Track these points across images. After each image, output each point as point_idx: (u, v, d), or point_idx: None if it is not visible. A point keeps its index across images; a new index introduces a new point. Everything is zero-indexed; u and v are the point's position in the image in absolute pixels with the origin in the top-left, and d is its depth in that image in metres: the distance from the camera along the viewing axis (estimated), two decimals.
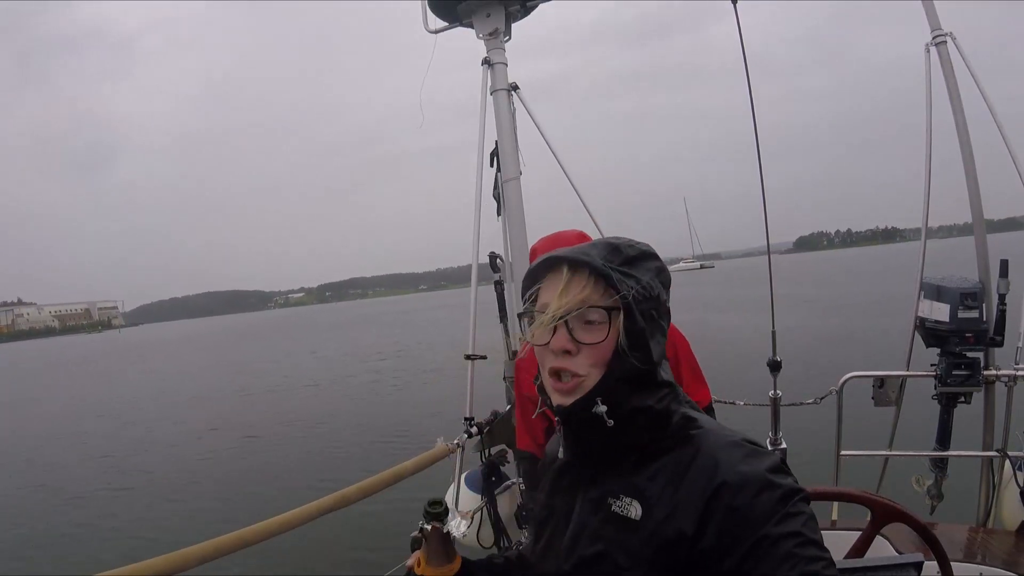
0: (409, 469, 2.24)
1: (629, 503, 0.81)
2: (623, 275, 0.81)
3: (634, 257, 0.84)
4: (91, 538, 7.68)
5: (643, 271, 0.84)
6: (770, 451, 0.78)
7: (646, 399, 0.83)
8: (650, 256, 0.86)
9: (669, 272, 0.88)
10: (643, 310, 0.81)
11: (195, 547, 1.60)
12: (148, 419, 16.25)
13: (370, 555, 5.72)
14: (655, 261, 0.86)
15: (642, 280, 0.83)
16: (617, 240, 0.88)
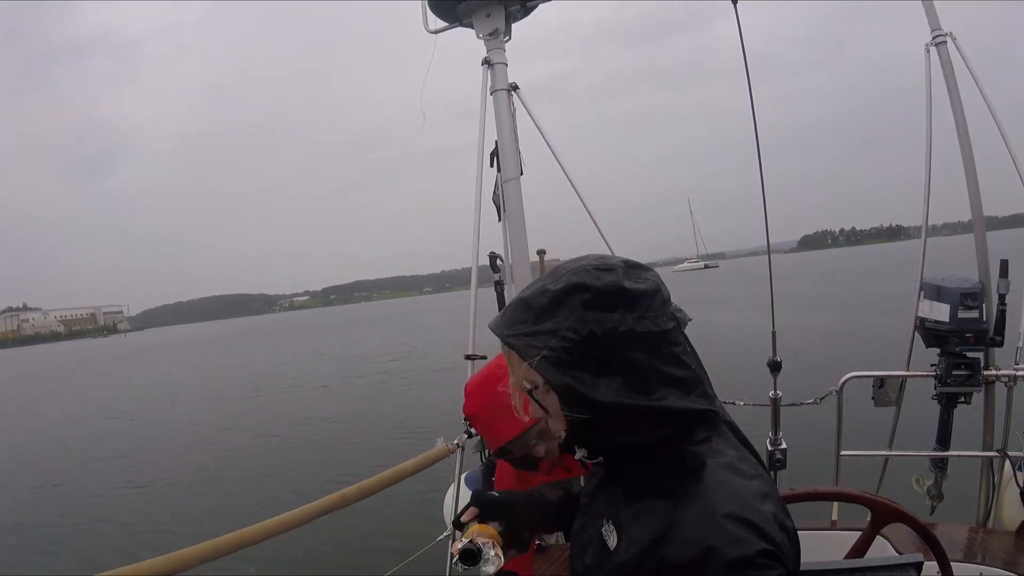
0: (409, 469, 2.24)
1: (611, 530, 0.82)
2: (531, 335, 0.76)
3: (547, 305, 0.76)
4: (106, 536, 7.69)
5: (563, 316, 0.75)
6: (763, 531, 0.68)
7: (628, 436, 0.77)
8: (572, 290, 0.76)
9: (612, 293, 0.75)
10: (570, 360, 0.74)
11: (195, 547, 1.60)
12: (162, 420, 16.31)
13: (370, 555, 5.73)
14: (580, 293, 0.75)
15: (560, 329, 0.74)
16: (531, 290, 0.80)
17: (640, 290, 0.75)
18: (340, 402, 15.51)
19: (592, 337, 0.73)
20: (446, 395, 13.23)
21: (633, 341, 0.73)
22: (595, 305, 0.74)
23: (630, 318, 0.73)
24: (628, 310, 0.73)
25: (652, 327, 0.74)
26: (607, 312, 0.73)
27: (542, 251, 3.12)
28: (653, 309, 0.74)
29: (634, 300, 0.74)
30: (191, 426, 14.98)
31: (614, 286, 0.74)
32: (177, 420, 16.15)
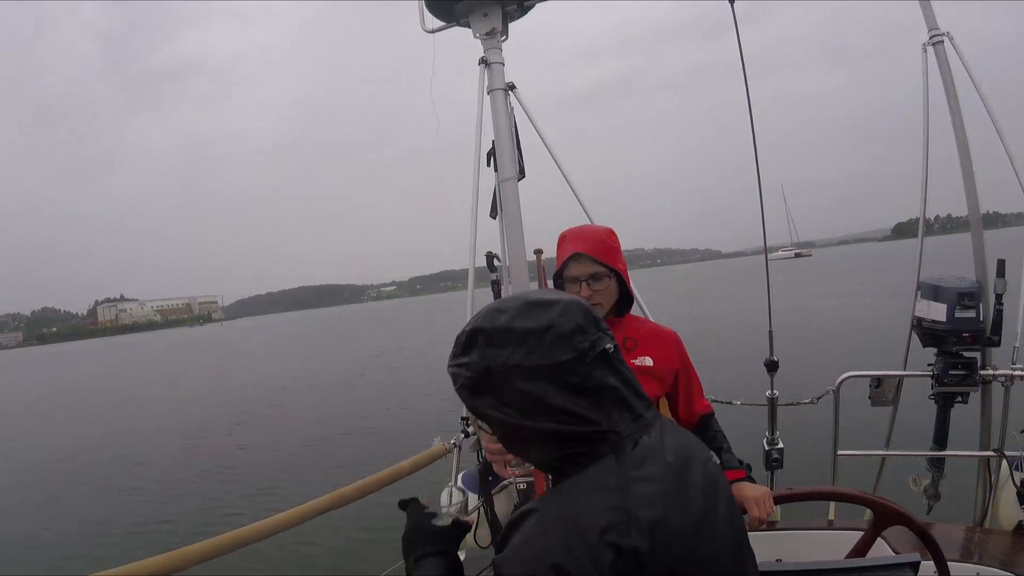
0: (406, 469, 2.24)
1: None
2: (456, 367, 0.89)
3: (464, 343, 0.89)
4: (105, 535, 7.68)
5: (473, 351, 0.87)
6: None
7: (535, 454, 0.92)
8: (476, 331, 0.88)
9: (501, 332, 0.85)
10: (477, 388, 0.87)
11: (194, 546, 1.60)
12: (163, 413, 16.36)
13: (368, 554, 5.72)
14: (480, 333, 0.87)
15: (471, 363, 0.87)
16: (462, 328, 0.92)
17: (528, 328, 0.84)
18: (339, 402, 15.49)
19: (489, 370, 0.85)
20: (444, 395, 13.23)
21: (523, 373, 0.83)
22: (491, 343, 0.85)
23: (519, 353, 0.83)
24: (517, 346, 0.84)
25: (542, 360, 0.82)
26: (499, 348, 0.84)
27: (539, 250, 3.12)
28: (543, 344, 0.83)
29: (522, 337, 0.84)
30: (191, 424, 15.01)
31: (503, 327, 0.85)
32: (178, 416, 16.22)
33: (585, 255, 1.54)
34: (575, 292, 1.56)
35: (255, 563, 5.37)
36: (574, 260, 1.56)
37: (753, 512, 1.44)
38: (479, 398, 0.88)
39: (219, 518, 7.57)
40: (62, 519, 8.57)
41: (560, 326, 0.85)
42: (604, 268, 1.55)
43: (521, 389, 0.83)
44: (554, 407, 0.82)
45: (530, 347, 0.83)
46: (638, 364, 1.59)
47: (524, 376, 0.83)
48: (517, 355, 0.83)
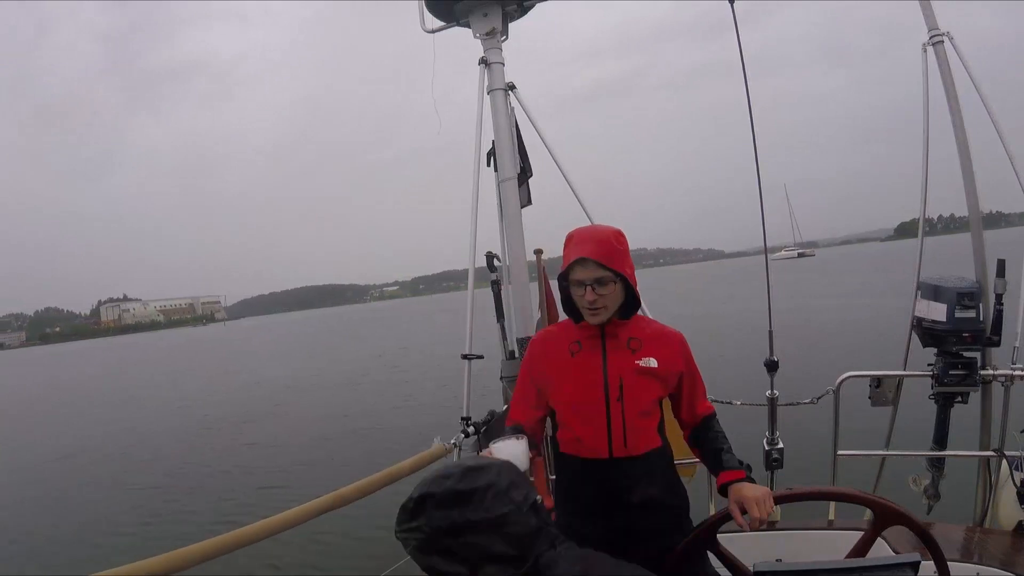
0: (406, 469, 2.24)
1: None
2: (406, 531, 1.00)
3: (412, 509, 1.00)
4: (100, 535, 7.68)
5: (422, 515, 0.98)
6: None
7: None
8: (424, 497, 0.99)
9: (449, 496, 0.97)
10: (430, 548, 0.97)
11: (194, 546, 1.60)
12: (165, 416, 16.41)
13: (367, 554, 5.72)
14: (429, 499, 0.98)
15: (421, 526, 0.98)
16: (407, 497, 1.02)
17: (472, 488, 0.97)
18: (339, 401, 15.50)
19: (440, 530, 0.96)
20: (443, 394, 13.23)
21: (470, 529, 0.95)
22: (440, 505, 0.97)
23: (467, 511, 0.95)
24: (463, 506, 0.96)
25: (485, 515, 0.95)
26: (448, 510, 0.96)
27: (539, 250, 3.12)
28: (486, 502, 0.96)
29: (467, 497, 0.96)
30: (198, 422, 15.09)
31: (450, 490, 0.97)
32: (184, 416, 16.29)
33: (591, 260, 1.53)
34: (580, 295, 1.56)
35: (255, 563, 5.37)
36: (580, 264, 1.55)
37: (753, 512, 1.44)
38: (430, 557, 0.97)
39: (231, 510, 7.65)
40: (72, 516, 8.60)
41: (498, 484, 0.99)
42: (610, 273, 1.54)
43: (470, 543, 0.95)
44: (498, 555, 0.95)
45: (475, 505, 0.96)
46: (642, 365, 1.59)
47: (472, 531, 0.95)
48: (465, 513, 0.95)
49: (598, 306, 1.55)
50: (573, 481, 1.65)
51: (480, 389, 3.00)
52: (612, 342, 1.61)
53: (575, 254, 1.55)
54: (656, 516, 1.59)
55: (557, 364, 1.64)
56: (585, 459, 1.60)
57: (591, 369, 1.60)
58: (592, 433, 1.57)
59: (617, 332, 1.62)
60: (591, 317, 1.58)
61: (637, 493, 1.56)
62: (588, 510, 1.61)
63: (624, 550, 1.58)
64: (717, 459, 1.64)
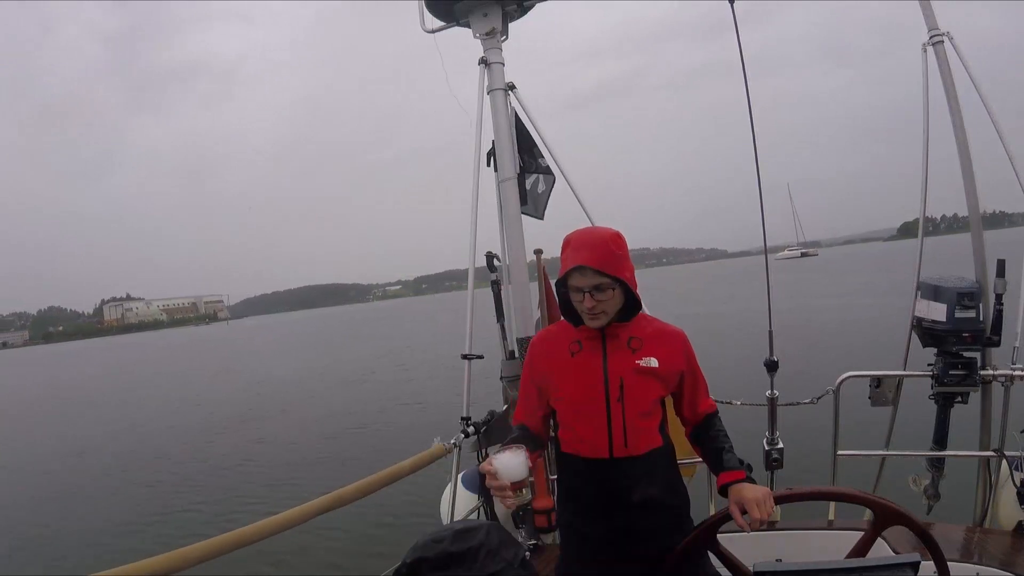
0: (406, 469, 2.24)
1: None
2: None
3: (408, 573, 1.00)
4: (98, 534, 7.69)
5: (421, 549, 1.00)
6: None
7: None
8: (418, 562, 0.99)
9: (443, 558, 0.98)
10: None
11: (194, 546, 1.60)
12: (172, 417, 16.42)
13: (367, 554, 5.73)
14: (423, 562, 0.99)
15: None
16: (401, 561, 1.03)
17: (464, 549, 0.99)
18: (338, 401, 15.51)
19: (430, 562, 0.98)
20: (443, 395, 13.23)
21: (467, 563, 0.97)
22: (435, 568, 0.98)
23: (461, 571, 0.97)
24: (458, 566, 0.98)
25: (479, 573, 0.97)
26: (443, 571, 0.97)
27: (539, 250, 3.12)
28: (478, 562, 0.98)
29: (460, 559, 0.98)
30: (205, 420, 15.17)
31: (444, 553, 0.99)
32: (191, 414, 16.37)
33: (588, 268, 1.52)
34: (579, 301, 1.56)
35: (255, 563, 5.37)
36: (577, 271, 1.53)
37: (754, 513, 1.44)
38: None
39: (236, 507, 7.69)
40: (80, 513, 8.66)
41: (489, 543, 1.01)
42: (608, 279, 1.52)
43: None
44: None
45: (468, 565, 0.98)
46: (643, 365, 1.59)
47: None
48: (459, 572, 0.97)
49: (597, 312, 1.55)
50: (574, 481, 1.65)
51: (480, 389, 3.00)
52: (612, 342, 1.61)
53: (572, 261, 1.54)
54: (656, 516, 1.59)
55: (557, 364, 1.64)
56: (586, 459, 1.60)
57: (591, 369, 1.59)
58: (592, 433, 1.57)
59: (617, 332, 1.61)
60: (591, 322, 1.58)
61: (637, 493, 1.56)
62: (589, 510, 1.61)
63: (625, 550, 1.58)
64: (718, 459, 1.64)
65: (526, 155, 3.04)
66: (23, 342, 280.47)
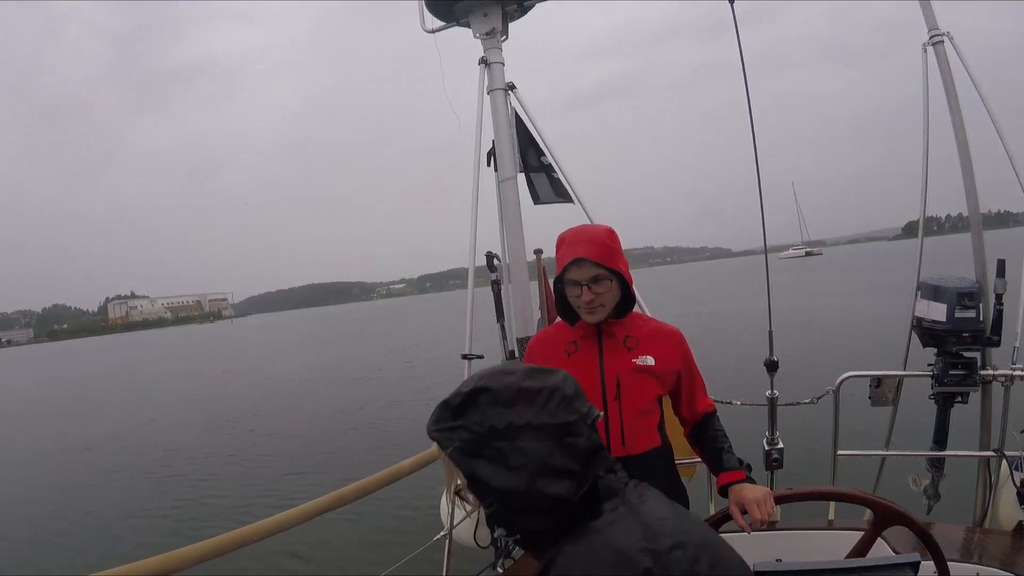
0: (406, 469, 2.24)
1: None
2: (448, 430, 0.88)
3: (460, 405, 0.88)
4: (94, 534, 7.69)
5: (472, 413, 0.87)
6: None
7: (530, 521, 0.86)
8: (478, 391, 0.88)
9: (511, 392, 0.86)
10: (476, 450, 0.85)
11: (194, 546, 1.60)
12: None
13: (367, 554, 5.73)
14: (484, 394, 0.87)
15: (469, 424, 0.86)
16: (451, 393, 0.91)
17: (537, 388, 0.86)
18: (338, 402, 15.51)
19: (493, 430, 0.84)
20: (443, 395, 13.21)
21: (531, 433, 0.84)
22: (497, 403, 0.86)
23: (529, 412, 0.84)
24: (526, 406, 0.85)
25: (550, 420, 0.84)
26: (505, 408, 0.85)
27: (539, 250, 3.12)
28: (552, 405, 0.85)
29: (531, 397, 0.86)
30: (213, 416, 15.18)
31: (513, 386, 0.86)
32: (199, 410, 16.43)
33: (586, 260, 1.53)
34: (576, 296, 1.56)
35: (256, 563, 5.37)
36: (575, 264, 1.55)
37: (754, 513, 1.44)
38: (475, 461, 0.86)
39: (241, 506, 7.70)
40: (90, 509, 8.67)
41: (564, 389, 0.88)
42: (605, 271, 1.54)
43: (526, 449, 0.83)
44: (557, 468, 0.83)
45: (539, 407, 0.85)
46: (639, 363, 1.59)
47: (533, 436, 0.83)
48: (527, 414, 0.84)
49: (595, 305, 1.55)
50: None
51: None
52: (609, 341, 1.61)
53: (570, 255, 1.55)
54: None
55: (555, 363, 1.64)
56: None
57: (588, 369, 1.60)
58: None
59: (613, 331, 1.62)
60: (588, 316, 1.58)
61: None
62: None
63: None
64: (717, 459, 1.64)
65: (528, 154, 3.04)
66: (27, 340, 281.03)
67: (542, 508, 0.84)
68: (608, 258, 1.55)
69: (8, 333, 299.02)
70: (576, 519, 0.85)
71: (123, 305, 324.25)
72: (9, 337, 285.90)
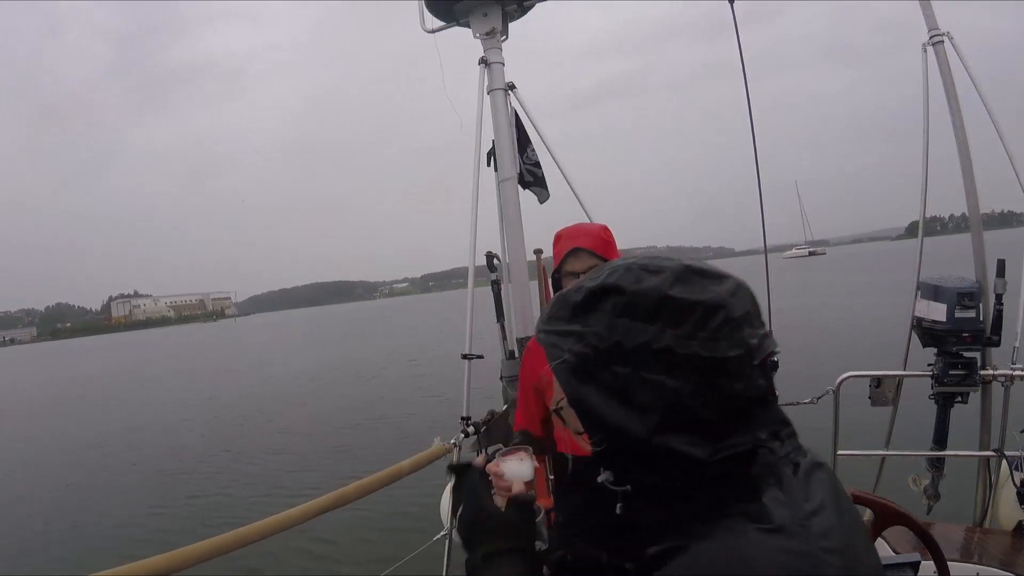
0: (406, 469, 2.24)
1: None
2: (561, 335, 0.66)
3: (580, 304, 0.65)
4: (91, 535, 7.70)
5: (594, 319, 0.63)
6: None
7: (645, 475, 0.64)
8: (606, 291, 0.63)
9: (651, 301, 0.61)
10: (591, 371, 0.62)
11: (194, 546, 1.60)
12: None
13: (367, 554, 5.72)
14: (614, 296, 0.62)
15: (587, 334, 0.63)
16: (574, 285, 0.68)
17: (692, 301, 0.60)
18: (337, 402, 15.51)
19: (618, 349, 0.60)
20: (443, 395, 13.22)
21: (670, 364, 0.59)
22: (629, 312, 0.61)
23: (671, 334, 0.59)
24: (671, 324, 0.59)
25: (700, 351, 0.58)
26: (642, 323, 0.60)
27: (539, 250, 3.12)
28: (708, 329, 0.59)
29: (679, 313, 0.59)
30: (219, 415, 15.26)
31: (655, 293, 0.60)
32: (205, 409, 16.50)
33: (584, 250, 1.58)
34: None
35: (256, 563, 5.37)
36: (573, 255, 1.59)
37: None
38: (585, 386, 0.63)
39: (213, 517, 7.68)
40: (109, 504, 8.73)
41: (732, 308, 0.61)
42: (602, 261, 1.58)
43: (660, 386, 0.59)
44: (698, 419, 0.59)
45: (689, 329, 0.59)
46: None
47: (669, 368, 0.59)
48: (668, 336, 0.59)
49: None
50: (571, 480, 1.65)
51: (480, 389, 3.00)
52: None
53: (568, 246, 1.60)
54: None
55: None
56: (582, 457, 1.61)
57: None
58: None
59: None
60: None
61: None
62: (588, 506, 1.62)
63: (625, 546, 1.59)
64: None
65: (525, 153, 3.04)
66: (31, 339, 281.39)
67: (664, 466, 0.61)
68: (604, 249, 1.60)
69: (11, 332, 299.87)
70: (717, 491, 0.60)
71: (126, 304, 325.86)
72: (12, 336, 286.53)
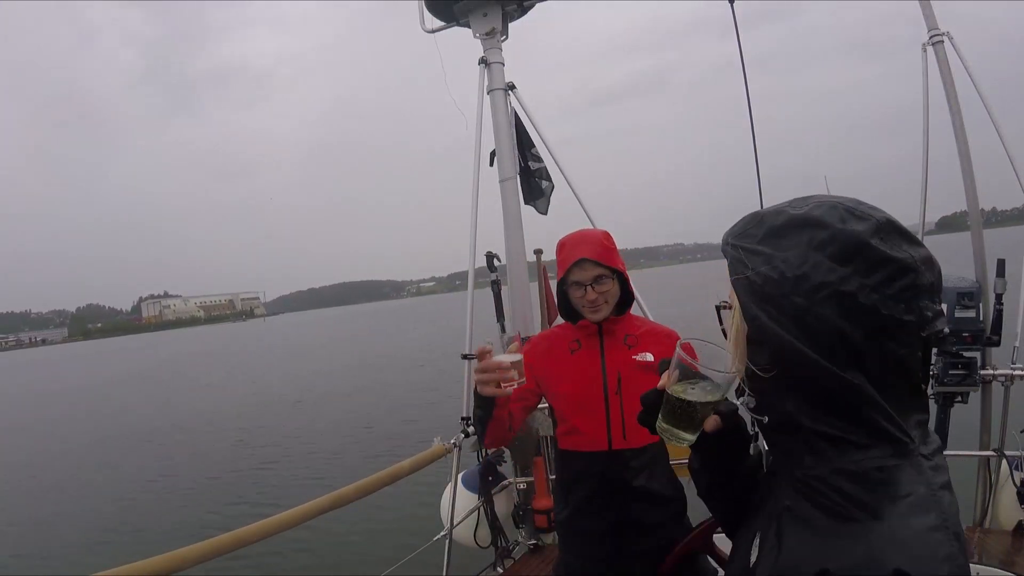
0: (406, 469, 2.24)
1: (755, 545, 0.70)
2: (748, 252, 0.66)
3: (777, 227, 0.65)
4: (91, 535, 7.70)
5: (787, 244, 0.63)
6: None
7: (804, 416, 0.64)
8: (808, 223, 0.63)
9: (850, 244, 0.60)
10: (772, 294, 0.62)
11: (194, 546, 1.61)
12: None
13: (367, 554, 5.73)
14: (814, 229, 0.62)
15: (775, 257, 0.63)
16: (774, 207, 0.67)
17: (888, 256, 0.59)
18: (337, 401, 15.52)
19: (804, 281, 0.60)
20: (443, 395, 13.21)
21: (849, 309, 0.59)
22: (825, 248, 0.61)
23: (858, 281, 0.59)
24: (861, 272, 0.59)
25: (879, 306, 0.59)
26: (835, 263, 0.60)
27: (539, 250, 3.12)
28: (894, 287, 0.59)
29: (873, 264, 0.59)
30: (249, 413, 15.48)
31: (856, 238, 0.60)
32: (237, 407, 16.70)
33: (588, 259, 1.60)
34: (580, 296, 1.62)
35: (256, 563, 5.38)
36: (578, 265, 1.61)
37: None
38: (767, 307, 0.63)
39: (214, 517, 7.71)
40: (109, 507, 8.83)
41: (921, 275, 0.60)
42: (607, 270, 1.60)
43: (840, 328, 0.59)
44: (864, 377, 0.60)
45: (877, 281, 0.59)
46: (639, 360, 1.64)
47: (846, 312, 0.59)
48: (854, 282, 0.59)
49: (599, 304, 1.61)
50: (574, 476, 1.66)
51: None
52: (609, 339, 1.66)
53: (573, 257, 1.61)
54: (656, 510, 1.61)
55: (558, 361, 1.68)
56: (585, 452, 1.62)
57: (590, 364, 1.64)
58: (592, 425, 1.61)
59: (614, 329, 1.67)
60: (592, 314, 1.63)
61: (637, 485, 1.58)
62: (589, 502, 1.63)
63: (625, 544, 1.59)
64: None
65: (528, 154, 3.04)
66: (62, 339, 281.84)
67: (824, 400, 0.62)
68: (608, 257, 1.61)
69: (42, 332, 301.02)
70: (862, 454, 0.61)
71: (156, 304, 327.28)
72: (43, 336, 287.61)
